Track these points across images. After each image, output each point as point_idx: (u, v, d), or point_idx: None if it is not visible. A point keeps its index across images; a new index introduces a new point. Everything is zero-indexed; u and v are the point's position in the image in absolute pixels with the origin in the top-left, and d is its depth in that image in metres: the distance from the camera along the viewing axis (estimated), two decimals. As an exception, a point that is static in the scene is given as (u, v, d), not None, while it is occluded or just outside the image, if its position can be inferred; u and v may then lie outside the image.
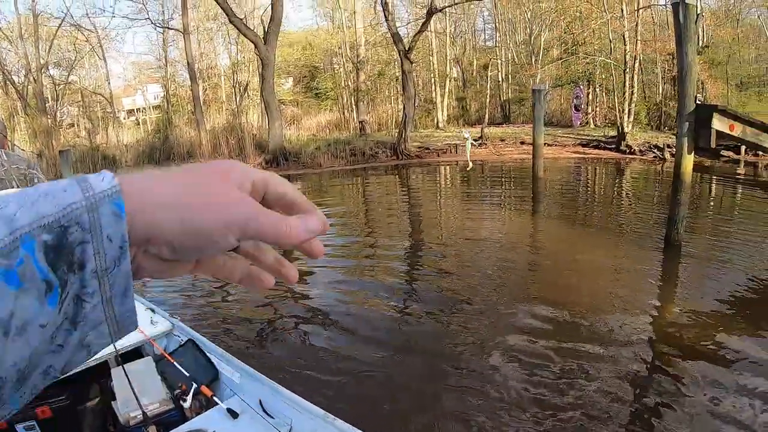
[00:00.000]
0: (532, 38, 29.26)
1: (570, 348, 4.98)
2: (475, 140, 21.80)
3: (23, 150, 25.67)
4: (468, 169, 4.82)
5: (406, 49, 21.38)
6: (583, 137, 20.07)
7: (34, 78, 27.58)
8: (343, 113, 32.17)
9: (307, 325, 6.48)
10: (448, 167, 19.61)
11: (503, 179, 15.96)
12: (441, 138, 23.98)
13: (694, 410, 3.95)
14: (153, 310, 4.28)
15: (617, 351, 4.89)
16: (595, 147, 18.65)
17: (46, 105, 29.03)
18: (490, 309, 6.12)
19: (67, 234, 0.39)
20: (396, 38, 21.68)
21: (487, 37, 34.24)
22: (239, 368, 3.42)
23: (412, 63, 22.01)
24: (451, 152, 21.62)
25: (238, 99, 31.71)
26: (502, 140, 21.56)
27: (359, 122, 28.54)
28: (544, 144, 15.45)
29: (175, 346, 3.94)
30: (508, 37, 31.54)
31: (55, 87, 30.83)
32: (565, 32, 26.72)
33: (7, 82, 28.05)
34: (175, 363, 3.48)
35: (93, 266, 0.40)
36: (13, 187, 3.36)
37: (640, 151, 17.27)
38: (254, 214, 0.46)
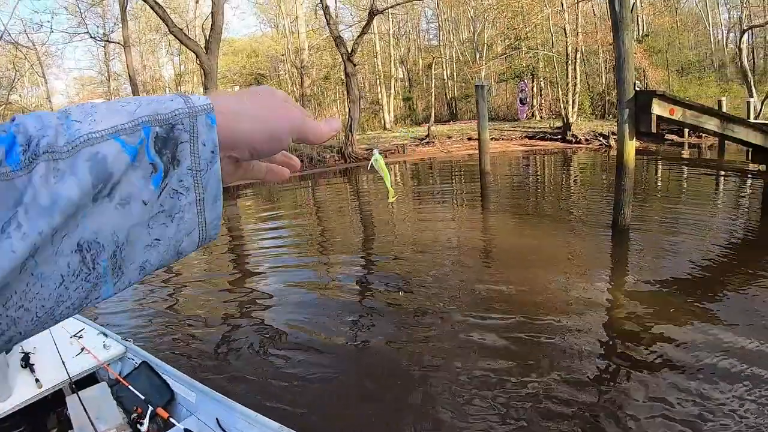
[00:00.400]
0: (476, 35, 29.35)
1: (526, 338, 4.89)
2: (421, 139, 21.75)
3: None
4: (390, 199, 4.53)
5: (349, 52, 21.19)
6: (530, 130, 20.24)
7: None
8: (291, 120, 31.92)
9: (261, 339, 6.22)
10: (397, 167, 19.43)
11: (452, 176, 15.81)
12: (389, 139, 23.90)
13: (647, 393, 3.85)
14: (105, 334, 4.21)
15: (571, 337, 4.83)
16: (542, 138, 18.76)
17: None
18: (445, 308, 5.95)
19: (174, 130, 0.46)
20: (338, 42, 21.49)
21: (431, 36, 34.21)
22: (194, 388, 3.37)
23: (355, 65, 21.82)
24: (399, 152, 21.47)
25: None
26: (449, 137, 21.52)
27: (306, 128, 28.33)
28: (491, 139, 15.46)
29: (130, 369, 3.89)
30: (452, 35, 31.63)
31: None
32: (507, 28, 26.90)
33: None
34: (129, 387, 3.42)
35: (189, 164, 0.47)
36: None
37: (586, 140, 17.39)
38: (303, 119, 0.58)
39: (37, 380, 3.49)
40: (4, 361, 3.44)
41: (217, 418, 3.02)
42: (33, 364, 3.70)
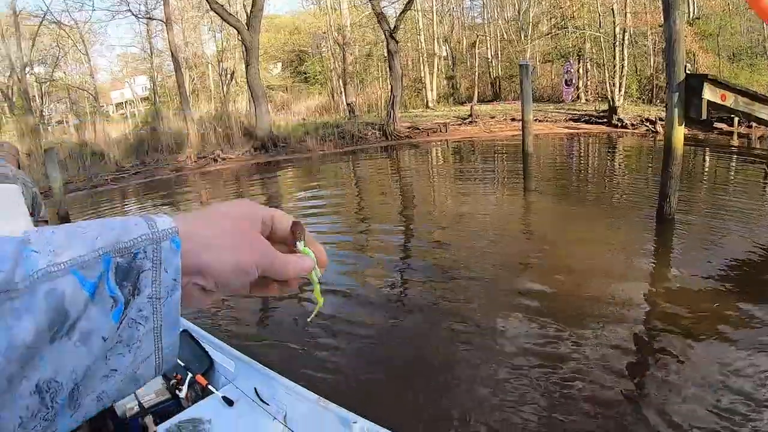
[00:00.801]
0: (521, 14, 28.87)
1: (564, 323, 4.89)
2: (464, 118, 21.63)
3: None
4: (311, 318, 3.94)
5: (392, 28, 21.08)
6: (575, 112, 19.87)
7: (18, 77, 27.31)
8: (332, 96, 31.92)
9: (301, 314, 6.38)
10: (438, 147, 19.37)
11: (495, 156, 15.74)
12: (431, 117, 23.80)
13: (690, 386, 3.83)
14: None
15: (611, 326, 4.81)
16: (587, 122, 18.42)
17: (32, 103, 28.84)
18: (484, 289, 6.03)
19: (136, 259, 0.45)
20: (381, 18, 21.40)
21: (475, 14, 33.77)
22: (234, 357, 3.44)
23: (398, 43, 21.74)
24: (441, 131, 21.40)
25: (225, 87, 31.40)
26: (492, 117, 21.36)
27: (348, 105, 28.28)
28: (535, 120, 15.28)
29: None
30: (496, 13, 31.16)
31: (40, 85, 30.60)
32: (554, 6, 26.43)
33: None
34: None
35: (150, 292, 0.46)
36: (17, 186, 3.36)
37: (632, 124, 17.03)
38: (273, 257, 0.57)
39: None
40: None
41: (255, 388, 3.07)
42: None
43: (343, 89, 30.18)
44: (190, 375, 3.31)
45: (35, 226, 3.27)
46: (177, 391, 3.24)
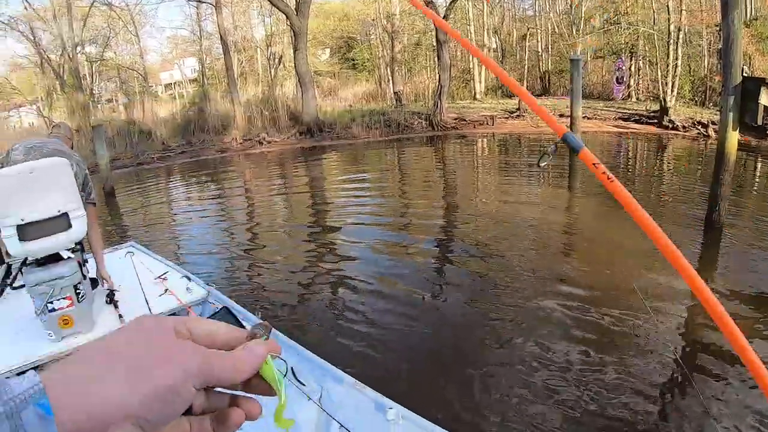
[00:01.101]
0: (573, 7, 28.45)
1: (603, 330, 4.91)
2: (511, 112, 21.51)
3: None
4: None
5: (441, 17, 21.00)
6: (625, 111, 19.53)
7: (69, 56, 28.06)
8: (380, 84, 31.95)
9: (341, 294, 6.60)
10: (484, 139, 19.34)
11: (541, 152, 15.64)
12: (478, 109, 23.73)
13: (733, 405, 3.81)
14: (188, 278, 4.43)
15: (651, 335, 4.79)
16: (637, 121, 18.10)
17: (83, 82, 29.65)
18: (523, 286, 6.10)
19: None
20: (430, 7, 21.28)
21: (526, 6, 33.40)
22: (272, 335, 3.38)
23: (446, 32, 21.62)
24: (487, 124, 21.35)
25: (272, 71, 31.68)
26: (541, 112, 21.16)
27: (395, 93, 28.33)
28: (584, 117, 15.18)
29: (210, 313, 4.03)
30: (548, 5, 30.74)
31: (91, 64, 31.35)
32: (607, 0, 26.01)
33: (44, 61, 28.62)
34: None
35: None
36: (65, 159, 3.50)
37: (684, 127, 16.71)
38: (208, 357, 0.47)
39: (120, 316, 3.80)
40: (90, 295, 3.70)
41: (292, 367, 3.07)
42: (117, 301, 4.01)
43: (390, 77, 30.23)
44: None
45: (84, 208, 3.49)
46: None
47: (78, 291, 3.41)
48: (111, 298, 4.01)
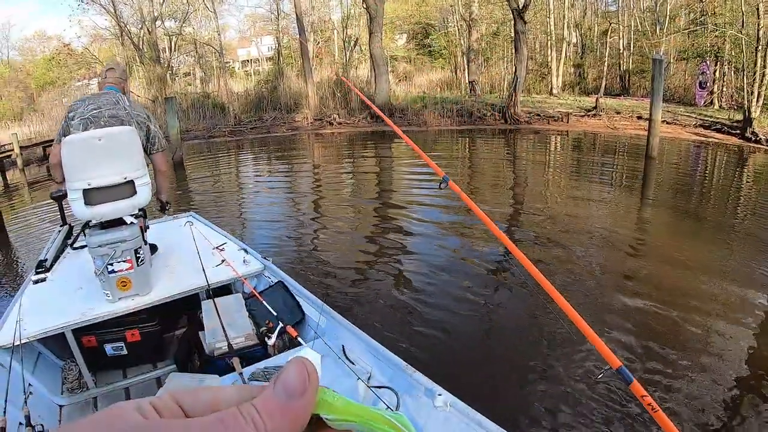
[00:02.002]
0: (658, 4, 27.66)
1: (661, 351, 4.77)
2: (588, 110, 21.17)
3: (138, 96, 27.37)
4: None
5: (520, 8, 20.73)
6: (706, 118, 18.89)
7: (148, 29, 28.98)
8: (455, 72, 31.83)
9: (398, 278, 6.77)
10: (558, 137, 19.15)
11: (616, 155, 15.44)
12: (553, 105, 23.44)
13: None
14: (246, 251, 4.51)
15: (712, 365, 4.59)
16: (718, 130, 17.50)
17: (161, 55, 30.66)
18: (584, 294, 6.01)
19: None
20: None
21: (609, 1, 32.60)
22: (326, 313, 3.52)
23: (525, 23, 21.35)
24: (562, 121, 21.12)
25: (347, 53, 31.92)
26: (618, 113, 20.78)
27: (469, 82, 28.21)
28: (663, 121, 14.82)
29: (265, 286, 4.15)
30: (632, 1, 29.93)
31: (169, 38, 32.27)
32: (694, -1, 25.26)
33: (124, 34, 29.62)
34: (263, 302, 3.64)
35: None
36: (132, 126, 3.67)
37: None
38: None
39: (176, 282, 3.89)
40: (149, 260, 3.79)
41: (343, 345, 3.08)
42: (175, 267, 4.16)
43: (466, 66, 30.08)
44: (280, 325, 3.40)
45: (152, 159, 4.05)
46: (266, 338, 3.37)
47: (138, 255, 3.52)
48: (168, 264, 4.20)
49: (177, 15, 33.00)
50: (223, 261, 4.26)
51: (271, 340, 3.36)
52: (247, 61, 43.83)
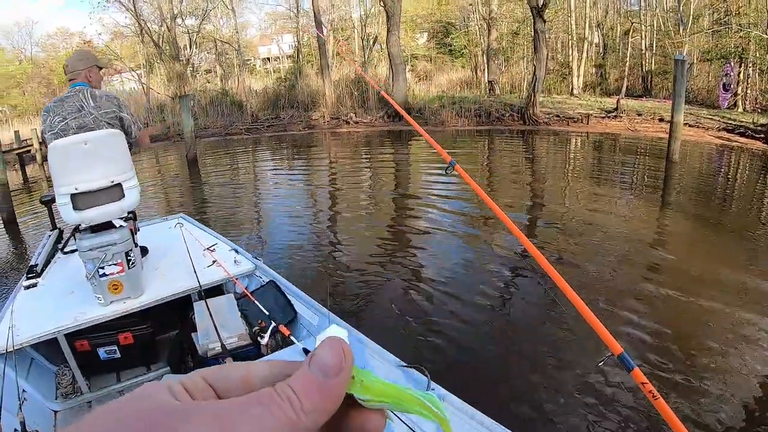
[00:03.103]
0: (681, 4, 27.22)
1: (676, 372, 4.53)
2: (608, 111, 20.89)
3: (158, 93, 27.55)
4: None
5: (539, 6, 20.49)
6: (730, 121, 18.44)
7: (168, 27, 29.21)
8: (475, 72, 31.66)
9: (410, 280, 6.73)
10: (578, 138, 18.88)
11: (636, 158, 15.14)
12: (573, 106, 23.16)
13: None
14: (237, 251, 4.55)
15: (722, 385, 4.34)
16: (742, 134, 16.99)
17: (180, 52, 30.94)
18: (597, 302, 5.79)
19: None
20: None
21: (633, 1, 32.16)
22: (318, 311, 3.57)
23: (545, 22, 21.11)
24: (582, 122, 20.85)
25: (366, 51, 31.90)
26: (639, 114, 20.46)
27: (489, 82, 28.02)
28: (685, 124, 14.53)
29: (257, 286, 4.16)
30: (655, 0, 29.48)
31: (189, 35, 32.56)
32: (717, -2, 24.82)
33: (144, 31, 29.95)
34: (255, 302, 3.68)
35: None
36: (102, 127, 3.68)
37: (793, 145, 15.69)
38: (220, 421, 0.31)
39: (168, 283, 3.91)
40: (140, 262, 3.82)
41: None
42: (166, 269, 4.19)
43: (486, 66, 29.88)
44: (273, 324, 3.44)
45: (134, 142, 3.96)
46: (259, 338, 3.40)
47: (129, 258, 3.54)
48: (160, 266, 4.23)
49: (197, 13, 33.26)
50: (214, 262, 4.29)
51: (264, 340, 3.39)
52: (268, 58, 44.02)
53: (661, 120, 19.03)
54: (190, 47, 33.82)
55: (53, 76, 44.12)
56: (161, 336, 4.09)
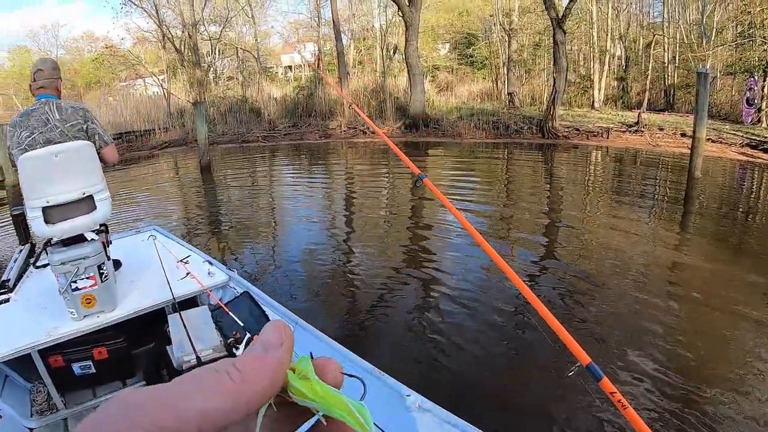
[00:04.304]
0: (704, 17, 26.87)
1: (681, 400, 4.34)
2: (629, 125, 20.62)
3: (179, 98, 27.83)
4: None
5: (560, 17, 20.32)
6: (753, 137, 17.97)
7: (189, 34, 29.58)
8: (496, 84, 31.50)
9: (361, 287, 6.88)
10: (598, 153, 18.63)
11: (657, 174, 14.86)
12: (593, 119, 22.92)
13: None
14: (210, 263, 4.55)
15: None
16: (766, 151, 16.61)
17: (207, 58, 31.40)
18: (608, 331, 5.59)
19: None
20: (548, 4, 20.64)
21: (655, 14, 31.79)
22: (292, 321, 3.57)
23: (565, 33, 20.92)
24: (602, 136, 20.60)
25: (385, 61, 31.96)
26: (661, 129, 20.16)
27: (508, 94, 27.85)
28: (707, 139, 14.23)
29: (231, 297, 4.18)
30: (677, 13, 29.10)
31: (210, 42, 33.00)
32: (741, 11, 24.43)
33: (165, 37, 30.36)
34: (230, 313, 3.73)
35: None
36: (69, 141, 3.61)
37: (819, 162, 15.30)
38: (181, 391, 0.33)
39: (141, 297, 3.91)
40: (113, 276, 3.79)
41: (311, 353, 3.15)
42: (139, 282, 4.17)
43: (506, 77, 29.75)
44: (248, 335, 3.46)
45: (102, 154, 3.78)
46: (234, 350, 3.40)
47: (101, 271, 3.52)
48: (134, 279, 4.21)
49: (219, 20, 33.59)
50: (187, 274, 4.30)
51: (239, 351, 3.37)
52: (290, 66, 44.33)
53: (683, 135, 18.73)
54: (212, 53, 34.18)
55: (77, 78, 45.13)
56: (136, 350, 4.06)
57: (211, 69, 34.39)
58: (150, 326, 4.05)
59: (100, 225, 3.70)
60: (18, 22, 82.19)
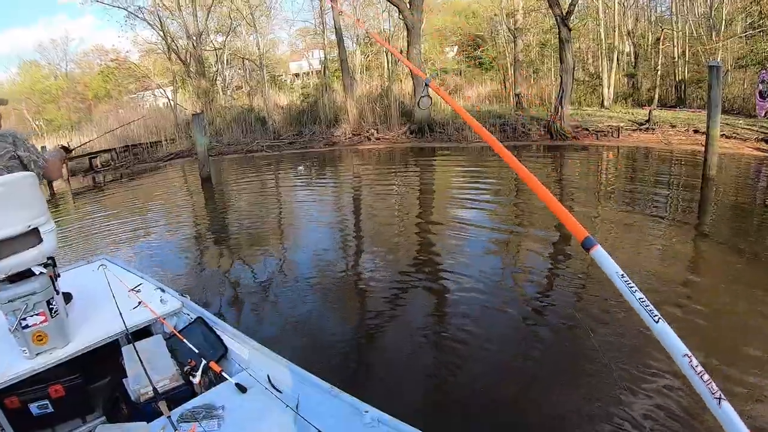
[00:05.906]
0: (713, 9, 26.44)
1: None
2: (640, 123, 20.27)
3: (185, 109, 27.96)
4: None
5: (564, 14, 20.01)
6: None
7: (194, 44, 29.73)
8: (504, 85, 31.22)
9: (319, 305, 6.84)
10: (607, 153, 18.30)
11: (670, 174, 14.45)
12: (603, 118, 22.56)
13: None
14: (162, 290, 4.48)
15: None
16: None
17: (212, 68, 31.54)
18: (615, 349, 5.24)
19: None
20: (552, 2, 20.34)
21: (663, 9, 31.38)
22: (248, 345, 3.57)
23: (570, 30, 20.61)
24: (612, 135, 20.25)
25: (390, 66, 31.90)
26: (673, 126, 19.78)
27: (516, 95, 27.57)
28: (721, 135, 13.78)
29: (185, 323, 4.14)
30: (686, 7, 28.65)
31: (216, 52, 33.19)
32: (751, 1, 24.02)
33: (170, 49, 30.56)
34: (184, 340, 3.69)
35: None
36: (3, 171, 3.40)
37: (837, 155, 14.83)
38: None
39: (94, 330, 3.77)
40: (64, 310, 3.65)
41: (268, 375, 3.12)
42: (91, 315, 4.03)
43: (513, 78, 29.48)
44: (204, 362, 3.44)
45: (41, 176, 3.48)
46: (191, 377, 3.39)
47: (51, 306, 3.43)
48: (85, 312, 4.07)
49: (223, 30, 33.70)
50: (139, 303, 4.22)
51: (196, 378, 3.41)
52: (298, 74, 44.49)
53: (696, 131, 18.35)
54: (217, 64, 34.29)
55: (88, 92, 45.70)
56: (94, 384, 3.96)
57: (218, 79, 34.49)
58: (105, 359, 3.95)
59: (48, 258, 3.56)
60: (33, 36, 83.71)
